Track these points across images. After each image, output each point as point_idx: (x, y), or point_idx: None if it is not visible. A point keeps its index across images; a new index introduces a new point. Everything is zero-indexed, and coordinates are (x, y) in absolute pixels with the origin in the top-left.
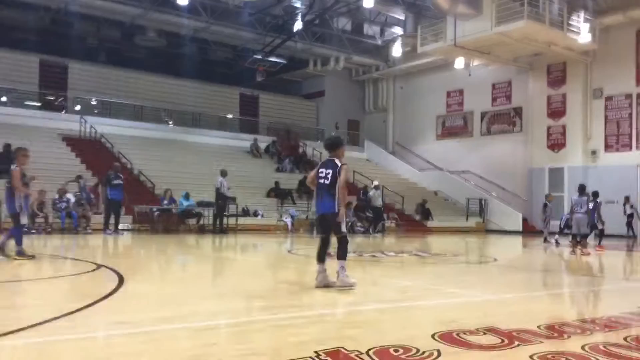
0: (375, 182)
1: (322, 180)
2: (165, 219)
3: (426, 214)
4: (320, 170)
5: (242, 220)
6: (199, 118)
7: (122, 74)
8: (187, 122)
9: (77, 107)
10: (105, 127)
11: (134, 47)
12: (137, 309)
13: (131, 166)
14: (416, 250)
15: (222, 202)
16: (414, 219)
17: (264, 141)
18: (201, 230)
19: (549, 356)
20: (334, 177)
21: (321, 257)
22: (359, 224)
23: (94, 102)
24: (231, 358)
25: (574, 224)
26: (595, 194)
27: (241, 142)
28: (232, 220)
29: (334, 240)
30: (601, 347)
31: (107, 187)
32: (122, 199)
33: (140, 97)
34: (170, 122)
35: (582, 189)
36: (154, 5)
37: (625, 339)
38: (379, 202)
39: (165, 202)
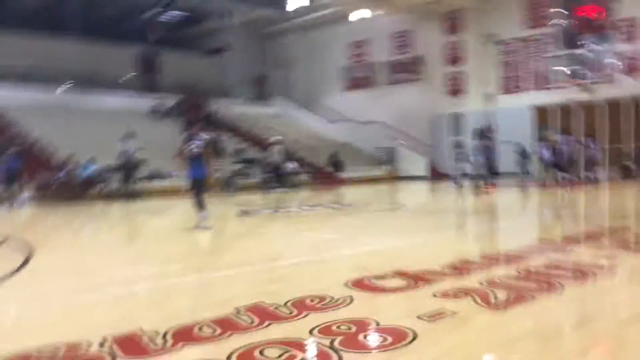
0: (273, 138)
1: (196, 150)
2: (67, 187)
3: (338, 165)
4: (192, 142)
5: (152, 184)
6: (93, 80)
7: (1, 37)
8: (80, 85)
9: None
10: None
11: (12, 4)
12: (50, 281)
13: (25, 133)
14: (329, 202)
15: (127, 166)
16: (326, 171)
17: (168, 101)
18: (107, 197)
19: (449, 292)
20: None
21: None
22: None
23: None
24: (152, 322)
25: (472, 165)
26: (482, 134)
27: (142, 102)
28: (141, 184)
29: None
30: (495, 279)
31: (3, 156)
32: (21, 167)
33: (24, 60)
34: (64, 86)
35: (478, 134)
36: None
37: (517, 270)
38: (275, 158)
39: (64, 171)
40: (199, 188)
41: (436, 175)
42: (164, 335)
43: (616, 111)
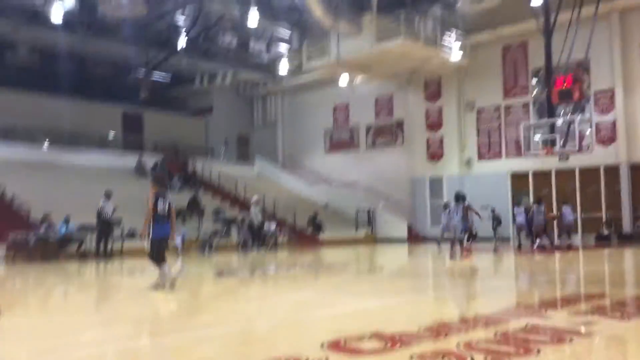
0: (254, 198)
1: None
2: (42, 246)
3: (318, 226)
4: (162, 201)
5: (129, 244)
6: (78, 138)
7: None
8: (66, 142)
9: None
10: None
11: (3, 64)
12: (14, 343)
13: (3, 191)
14: (308, 263)
15: (104, 225)
16: (305, 232)
17: (150, 161)
18: (83, 256)
19: (426, 355)
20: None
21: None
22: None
23: None
24: None
25: (452, 229)
26: (462, 199)
27: (126, 161)
28: (117, 245)
29: None
30: (473, 343)
31: None
32: None
33: (11, 116)
34: (46, 143)
35: (457, 198)
36: (25, 20)
37: (494, 333)
38: (256, 219)
39: (41, 229)
40: (161, 247)
41: (415, 237)
42: None
43: (589, 179)
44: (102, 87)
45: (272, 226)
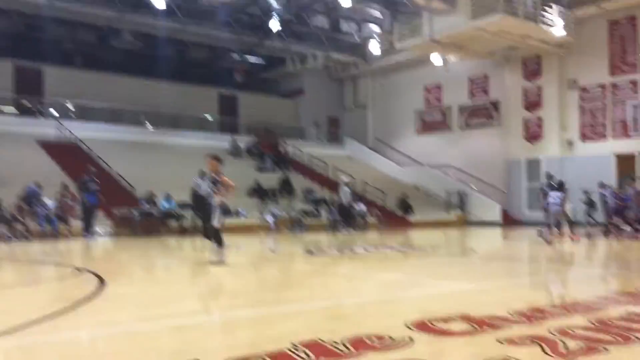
0: (345, 178)
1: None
2: (146, 221)
3: (407, 208)
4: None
5: (225, 221)
6: (178, 119)
7: (98, 77)
8: (166, 124)
9: (54, 112)
10: (83, 131)
11: (109, 49)
12: (118, 310)
13: (110, 169)
14: (397, 244)
15: (198, 201)
16: (395, 214)
17: (244, 141)
18: (183, 231)
19: (516, 339)
20: None
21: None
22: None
23: (70, 106)
24: (210, 352)
25: (552, 215)
26: (561, 185)
27: (221, 142)
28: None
29: None
30: (567, 329)
31: (83, 192)
32: (98, 203)
33: (117, 100)
34: (149, 125)
35: (556, 183)
36: (129, 7)
37: (590, 321)
38: (346, 199)
39: (147, 205)
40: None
41: (509, 221)
42: None
43: None
44: (199, 70)
45: (362, 207)
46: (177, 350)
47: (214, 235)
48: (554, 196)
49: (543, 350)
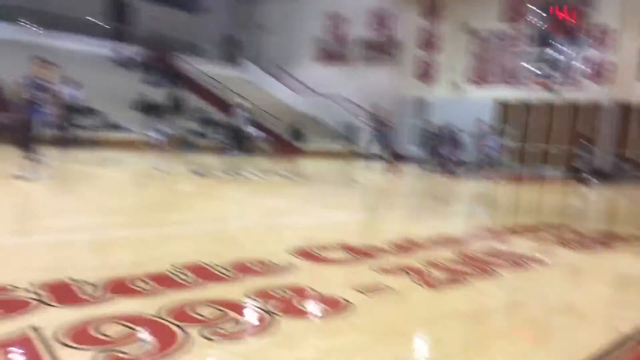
0: (240, 101)
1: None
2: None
3: (299, 136)
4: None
5: (106, 135)
6: (61, 21)
7: None
8: (49, 25)
9: None
10: None
11: None
12: None
13: None
14: (285, 171)
15: (65, 110)
16: (287, 141)
17: (133, 52)
18: (53, 142)
19: (389, 269)
20: None
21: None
22: (231, 143)
23: None
24: (86, 271)
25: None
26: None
27: (106, 50)
28: (93, 134)
29: None
30: (435, 260)
31: None
32: None
33: None
34: (29, 24)
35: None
36: None
37: (457, 254)
38: (239, 122)
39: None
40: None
41: (395, 156)
42: (95, 286)
43: (577, 114)
44: None
45: (255, 131)
46: (49, 268)
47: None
48: (492, 142)
49: (412, 279)
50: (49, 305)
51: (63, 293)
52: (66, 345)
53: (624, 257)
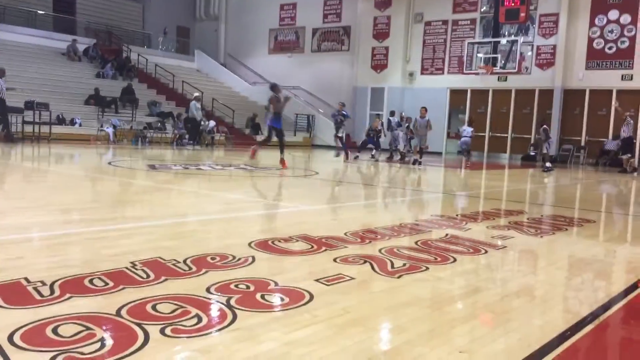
0: (195, 93)
1: None
2: None
3: (256, 128)
4: None
5: (57, 129)
6: (4, 12)
7: None
8: None
9: None
10: None
11: None
12: None
13: None
14: (243, 164)
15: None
16: (243, 133)
17: (83, 43)
18: (7, 138)
19: (349, 259)
20: None
21: None
22: (186, 136)
23: None
24: (39, 271)
25: (392, 140)
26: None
27: (55, 42)
28: (44, 129)
29: None
30: (394, 249)
31: None
32: None
33: None
34: None
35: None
36: None
37: (416, 242)
38: (194, 114)
39: None
40: None
41: (352, 146)
42: (51, 286)
43: (524, 100)
44: None
45: (210, 123)
46: (2, 268)
47: None
48: (466, 131)
49: (373, 268)
50: (1, 307)
51: (17, 294)
52: (21, 348)
53: (578, 240)
